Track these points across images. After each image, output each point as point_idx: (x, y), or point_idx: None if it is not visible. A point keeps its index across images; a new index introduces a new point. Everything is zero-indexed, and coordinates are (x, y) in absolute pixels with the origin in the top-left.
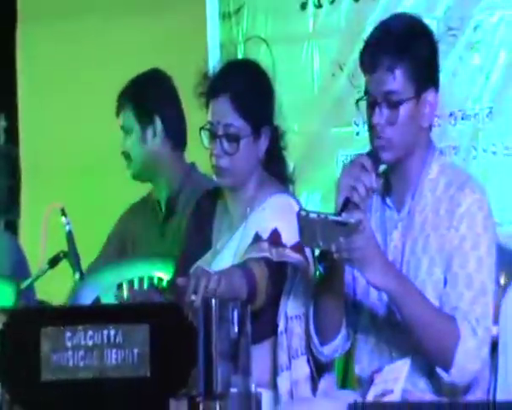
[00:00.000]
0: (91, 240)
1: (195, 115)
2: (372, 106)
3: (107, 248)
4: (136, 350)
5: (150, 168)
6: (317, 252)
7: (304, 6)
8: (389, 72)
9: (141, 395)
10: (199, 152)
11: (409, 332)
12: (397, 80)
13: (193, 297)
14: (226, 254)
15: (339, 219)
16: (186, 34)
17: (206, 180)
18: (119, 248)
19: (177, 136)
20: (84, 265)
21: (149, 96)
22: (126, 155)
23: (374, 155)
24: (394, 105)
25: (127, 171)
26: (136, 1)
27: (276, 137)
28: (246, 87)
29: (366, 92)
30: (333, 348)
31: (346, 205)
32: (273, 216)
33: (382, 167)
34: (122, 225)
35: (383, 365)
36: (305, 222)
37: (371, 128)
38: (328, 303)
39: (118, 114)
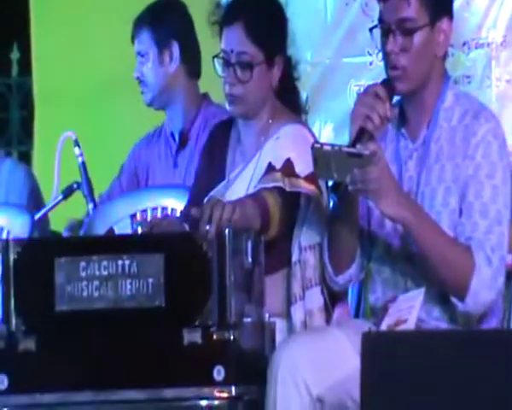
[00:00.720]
0: (105, 169)
1: (207, 46)
2: (386, 34)
3: (120, 179)
4: (150, 280)
5: (166, 93)
6: (330, 183)
7: None
8: None
9: (155, 325)
10: (211, 83)
11: (424, 262)
12: (411, 7)
13: (207, 227)
14: (240, 184)
15: (353, 150)
16: None
17: (219, 111)
18: (133, 178)
19: (192, 62)
20: (98, 194)
21: (167, 21)
22: (141, 81)
23: (388, 84)
24: (408, 32)
25: (142, 97)
26: None
27: (289, 68)
28: (259, 15)
29: (380, 20)
30: (347, 278)
31: (361, 134)
32: (286, 146)
33: (397, 97)
34: (135, 156)
35: (398, 295)
36: (319, 154)
37: (386, 56)
38: (343, 233)
39: (133, 39)
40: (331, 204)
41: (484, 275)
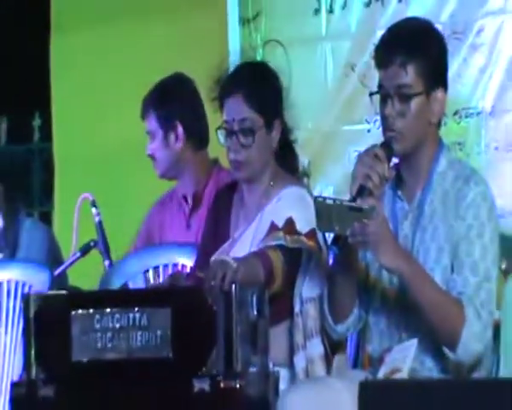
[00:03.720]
0: (120, 228)
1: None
2: (385, 99)
3: (136, 242)
4: (159, 332)
5: (175, 168)
6: (329, 237)
7: (317, 11)
8: (402, 67)
9: (165, 375)
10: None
11: (418, 313)
12: (409, 75)
13: (212, 283)
14: (243, 243)
15: (354, 204)
16: (209, 39)
17: (228, 175)
18: (147, 240)
19: (198, 137)
20: (113, 251)
21: (170, 103)
22: (152, 157)
23: (387, 147)
24: (405, 98)
25: (154, 171)
26: (161, 7)
27: (287, 131)
28: (257, 84)
29: (379, 86)
30: (345, 327)
31: (361, 192)
32: (287, 206)
33: (394, 161)
34: (149, 219)
35: (393, 345)
36: (321, 207)
37: (383, 120)
38: (342, 284)
39: (143, 118)
40: (330, 259)
41: (474, 328)
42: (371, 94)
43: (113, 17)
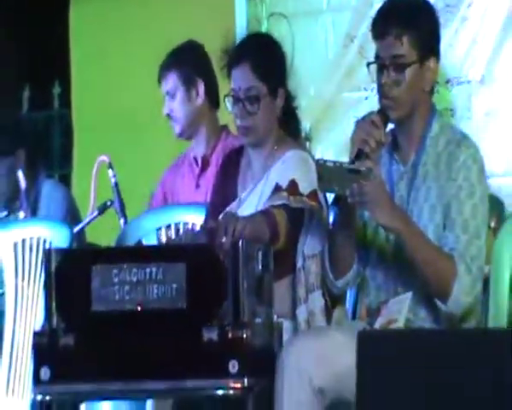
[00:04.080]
0: (135, 189)
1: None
2: (381, 69)
3: (151, 204)
4: (174, 285)
5: (193, 125)
6: (331, 198)
7: None
8: (397, 39)
9: (178, 325)
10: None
11: (413, 268)
12: (403, 46)
13: (223, 239)
14: (250, 202)
15: (352, 166)
16: (217, 12)
17: (236, 141)
18: (161, 200)
19: (214, 96)
20: (128, 210)
21: (191, 61)
22: (171, 117)
23: (383, 113)
24: (400, 68)
25: (171, 130)
26: None
27: (290, 99)
28: (262, 55)
29: (376, 57)
30: (345, 282)
31: (359, 155)
32: (291, 168)
33: (390, 126)
34: (163, 182)
35: (389, 298)
36: (322, 169)
37: (380, 88)
38: (342, 242)
39: (160, 81)
40: (331, 218)
41: (464, 282)
42: (368, 64)
43: None
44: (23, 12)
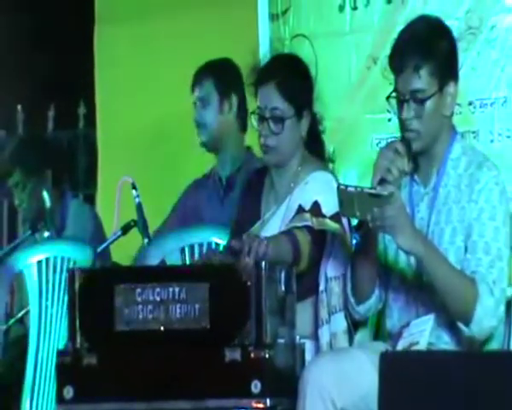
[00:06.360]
0: (158, 209)
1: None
2: (401, 102)
3: (171, 217)
4: (197, 305)
5: (220, 138)
6: (354, 222)
7: (341, 8)
8: (415, 72)
9: (201, 344)
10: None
11: (434, 291)
12: (422, 79)
13: (246, 259)
14: (273, 223)
15: (373, 191)
16: (241, 33)
17: (260, 162)
18: (182, 217)
19: (244, 116)
20: (151, 229)
21: (228, 74)
22: (200, 124)
23: (407, 141)
24: (420, 102)
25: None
26: (201, 0)
27: (316, 121)
28: (289, 75)
29: (395, 90)
30: (367, 308)
31: (381, 183)
32: (314, 190)
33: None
34: (186, 198)
35: (410, 321)
36: (344, 194)
37: (401, 121)
38: (364, 267)
39: (194, 86)
40: (354, 242)
41: (487, 304)
42: (388, 97)
43: (154, 9)
44: (49, 30)
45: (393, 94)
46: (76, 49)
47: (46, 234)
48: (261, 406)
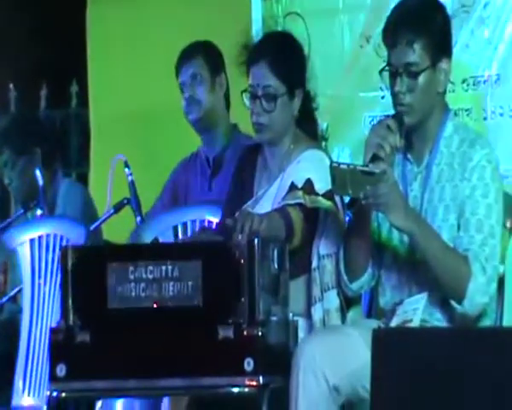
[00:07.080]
0: (151, 187)
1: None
2: (394, 76)
3: (162, 197)
4: (190, 283)
5: (212, 116)
6: (346, 200)
7: None
8: (408, 46)
9: (194, 322)
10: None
11: (427, 268)
12: (415, 53)
13: (239, 237)
14: (266, 201)
15: (366, 169)
16: (233, 11)
17: (247, 141)
18: (173, 196)
19: (228, 94)
20: (144, 209)
21: (217, 52)
22: (194, 100)
23: (399, 117)
24: (413, 75)
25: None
26: None
27: (308, 99)
28: (281, 53)
29: (388, 64)
30: (360, 285)
31: (374, 160)
32: (307, 168)
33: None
34: (175, 177)
35: (403, 298)
36: (336, 172)
37: (393, 95)
38: (357, 245)
39: (180, 66)
40: (347, 220)
41: (479, 282)
42: (381, 71)
43: None
44: (40, 10)
45: (386, 68)
46: (67, 27)
47: (39, 212)
48: (254, 383)
